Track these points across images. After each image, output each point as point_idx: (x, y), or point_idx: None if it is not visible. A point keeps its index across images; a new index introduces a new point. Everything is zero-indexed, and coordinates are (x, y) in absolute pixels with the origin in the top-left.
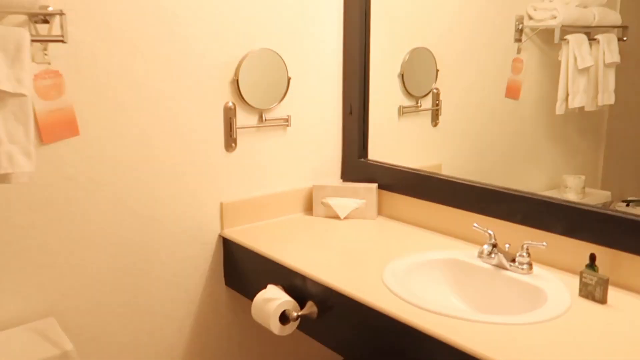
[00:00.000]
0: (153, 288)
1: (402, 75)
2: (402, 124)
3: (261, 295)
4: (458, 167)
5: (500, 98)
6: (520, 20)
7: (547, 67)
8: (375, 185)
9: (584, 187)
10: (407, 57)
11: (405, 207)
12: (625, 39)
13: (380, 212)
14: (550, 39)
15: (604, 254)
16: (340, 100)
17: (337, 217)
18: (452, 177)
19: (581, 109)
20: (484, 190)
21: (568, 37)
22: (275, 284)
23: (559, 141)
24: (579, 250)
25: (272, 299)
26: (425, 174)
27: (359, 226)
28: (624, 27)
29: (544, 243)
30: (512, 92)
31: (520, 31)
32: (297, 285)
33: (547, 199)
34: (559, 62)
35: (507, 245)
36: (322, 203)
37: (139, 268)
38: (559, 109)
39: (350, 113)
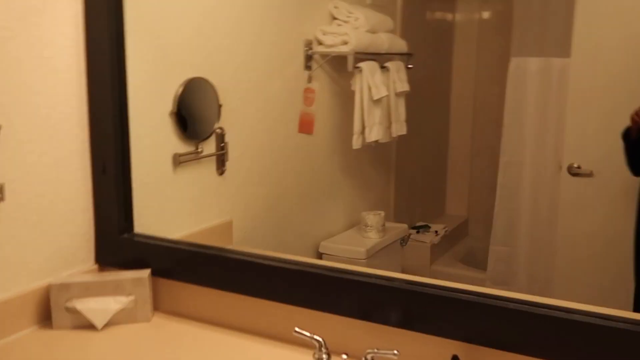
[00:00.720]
0: None
1: (176, 114)
2: (179, 176)
3: None
4: (252, 218)
5: (293, 133)
6: (309, 45)
7: (339, 97)
8: (147, 271)
9: (384, 224)
10: (180, 90)
11: (194, 299)
12: (410, 66)
13: (157, 308)
14: (342, 67)
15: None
16: (87, 154)
17: (92, 327)
18: (253, 256)
19: (376, 141)
20: (301, 273)
21: (361, 65)
22: None
23: (355, 176)
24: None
25: None
26: (215, 252)
27: (126, 337)
28: (409, 55)
29: (395, 352)
30: (306, 126)
31: (310, 58)
32: None
33: (390, 282)
34: (352, 92)
35: (344, 357)
36: (67, 309)
37: None
38: (356, 143)
39: (104, 172)
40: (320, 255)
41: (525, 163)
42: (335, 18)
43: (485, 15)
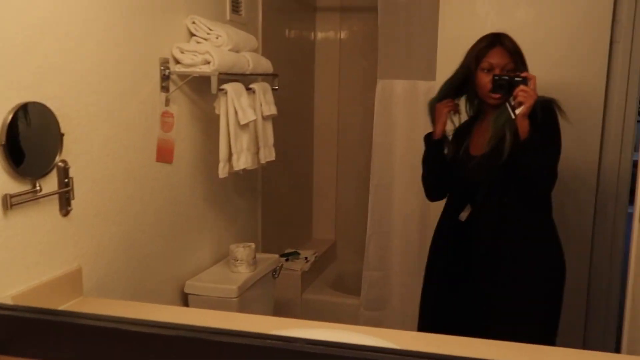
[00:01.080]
0: None
1: (4, 147)
2: (11, 222)
3: None
4: (107, 263)
5: (150, 163)
6: (165, 64)
7: (202, 122)
8: None
9: (254, 257)
10: (9, 118)
11: None
12: (276, 88)
13: None
14: (204, 88)
15: None
16: None
17: None
18: (114, 321)
19: (244, 169)
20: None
21: (225, 86)
22: None
23: (220, 206)
24: None
25: None
26: (69, 319)
27: None
28: (274, 75)
29: None
30: (164, 154)
31: (167, 78)
32: None
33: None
34: (217, 116)
35: None
36: None
37: None
38: (222, 171)
39: None
40: (186, 297)
41: (394, 185)
42: (193, 35)
43: (346, 35)
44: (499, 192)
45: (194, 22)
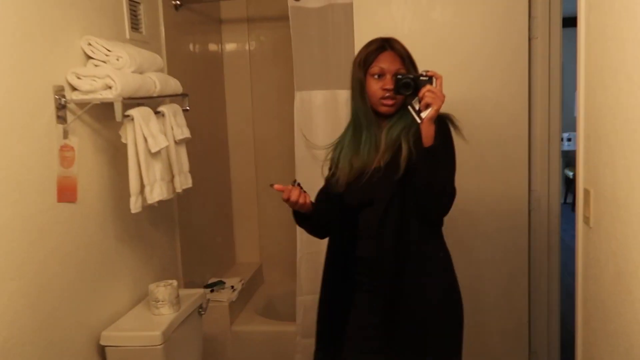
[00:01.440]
0: None
1: None
2: None
3: None
4: (8, 324)
5: (51, 205)
6: (60, 92)
7: (107, 153)
8: None
9: (177, 295)
10: None
11: None
12: (187, 108)
13: None
14: (106, 116)
15: None
16: None
17: None
18: None
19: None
20: None
21: (131, 112)
22: None
23: (134, 242)
24: None
25: None
26: None
27: None
28: (184, 95)
29: None
30: (66, 193)
31: (63, 107)
32: None
33: None
34: (123, 145)
35: None
36: None
37: None
38: (135, 206)
39: None
40: (103, 350)
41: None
42: (90, 57)
43: (254, 46)
44: (396, 215)
45: (89, 44)
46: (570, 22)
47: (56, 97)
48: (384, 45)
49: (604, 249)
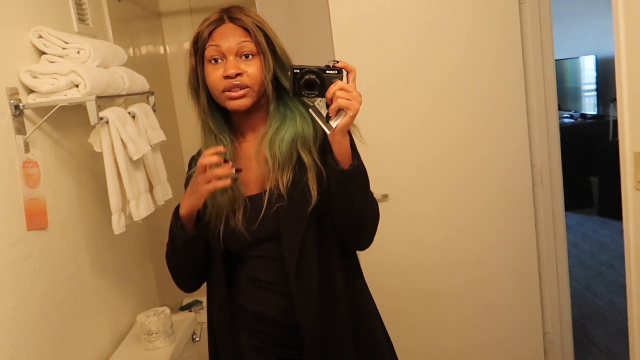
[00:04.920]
0: None
1: None
2: None
3: None
4: None
5: (21, 234)
6: (14, 96)
7: (69, 166)
8: None
9: (172, 325)
10: None
11: None
12: (154, 108)
13: None
14: (73, 121)
15: None
16: None
17: None
18: None
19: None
20: None
21: (105, 114)
22: None
23: (111, 269)
24: None
25: None
26: None
27: None
28: (150, 93)
29: None
30: (36, 218)
31: (21, 115)
32: None
33: None
34: (90, 155)
35: None
36: None
37: None
38: (118, 225)
39: None
40: None
41: None
42: (43, 52)
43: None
44: (314, 255)
45: (40, 36)
46: None
47: (11, 102)
48: (222, 16)
49: None
